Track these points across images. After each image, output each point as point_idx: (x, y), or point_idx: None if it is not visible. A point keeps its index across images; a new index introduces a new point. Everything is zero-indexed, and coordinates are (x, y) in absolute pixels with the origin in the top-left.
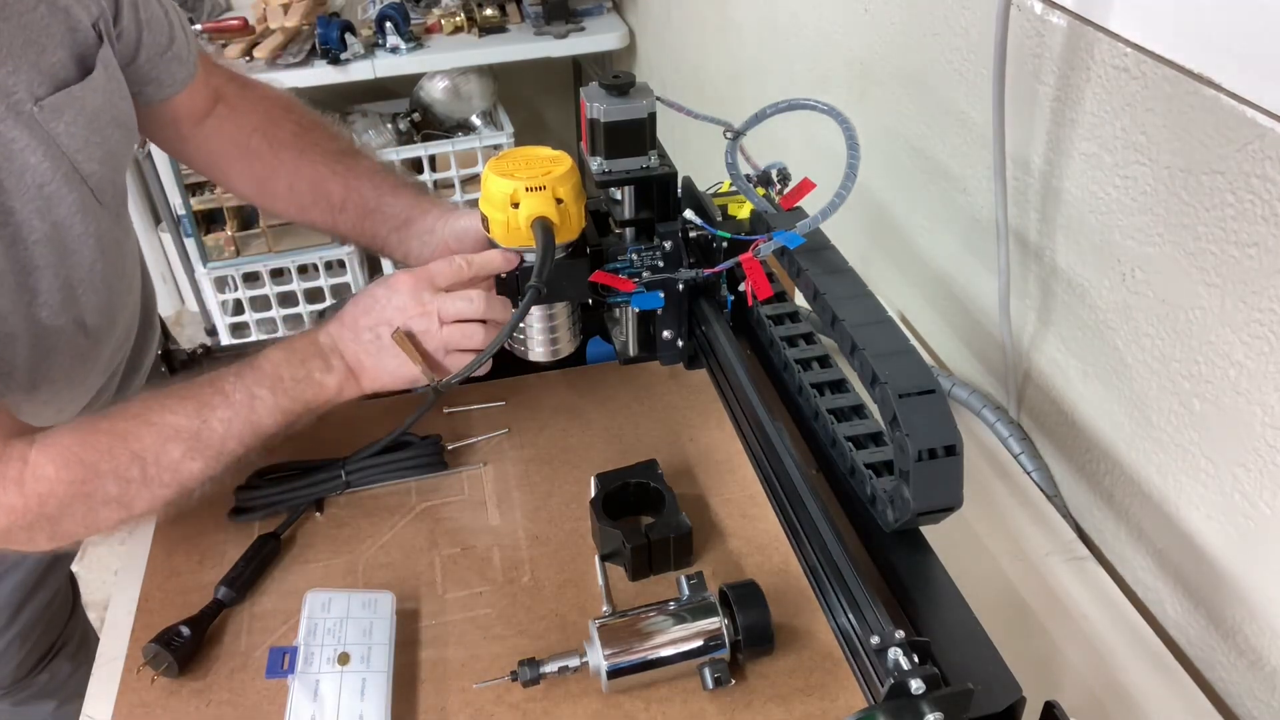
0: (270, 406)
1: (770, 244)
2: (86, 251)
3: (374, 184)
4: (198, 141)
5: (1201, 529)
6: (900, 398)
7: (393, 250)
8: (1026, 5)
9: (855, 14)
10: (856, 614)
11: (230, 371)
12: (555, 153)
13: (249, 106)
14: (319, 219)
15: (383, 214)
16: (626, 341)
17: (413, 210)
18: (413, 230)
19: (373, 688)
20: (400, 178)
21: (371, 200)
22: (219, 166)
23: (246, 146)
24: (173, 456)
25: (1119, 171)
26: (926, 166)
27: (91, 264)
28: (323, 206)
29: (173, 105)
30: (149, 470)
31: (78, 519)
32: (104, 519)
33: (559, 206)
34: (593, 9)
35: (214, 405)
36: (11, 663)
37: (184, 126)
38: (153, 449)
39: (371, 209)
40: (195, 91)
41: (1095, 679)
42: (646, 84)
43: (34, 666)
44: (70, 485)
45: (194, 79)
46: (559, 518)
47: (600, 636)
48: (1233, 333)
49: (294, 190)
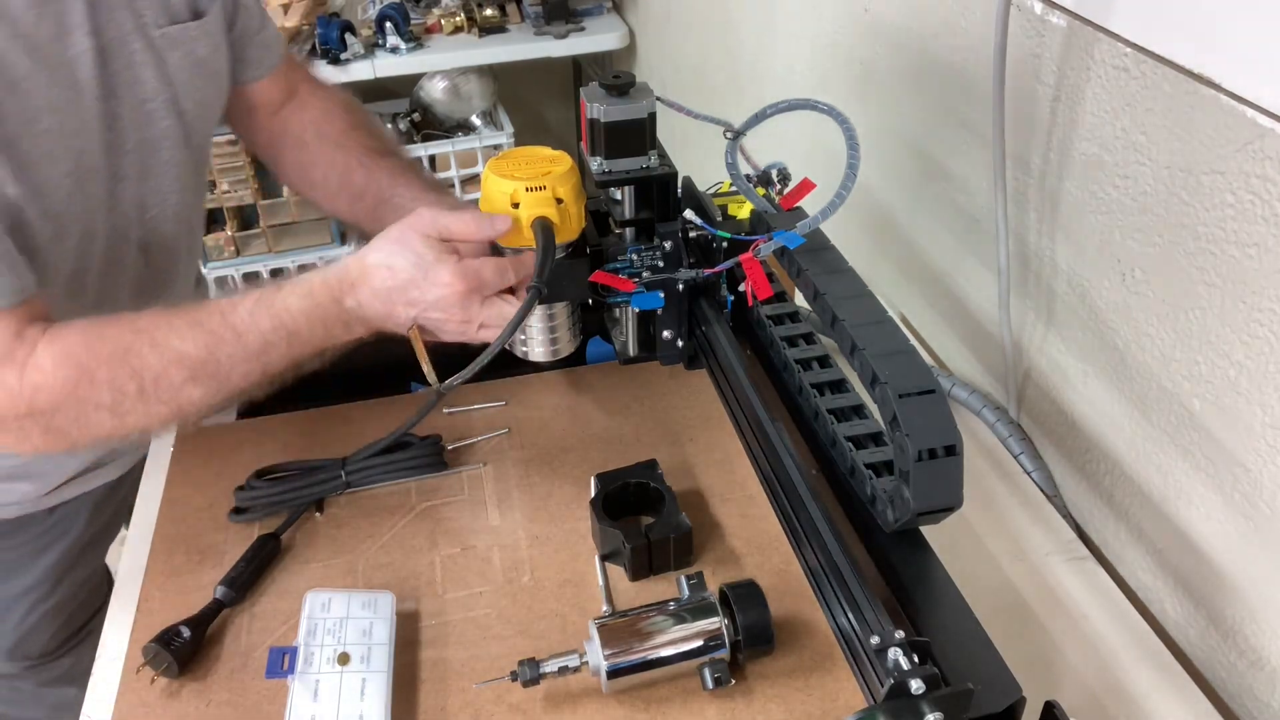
0: (282, 354)
1: (770, 244)
2: (168, 179)
3: (392, 176)
4: (268, 130)
5: (1201, 529)
6: (900, 398)
7: None
8: (1026, 5)
9: (855, 14)
10: (856, 614)
11: (246, 305)
12: (555, 153)
13: (314, 103)
14: (343, 208)
15: (392, 204)
16: (626, 341)
17: (417, 202)
18: None
19: (373, 688)
20: (419, 173)
21: (386, 190)
22: (275, 153)
23: (300, 138)
24: (173, 380)
25: (1119, 171)
26: (926, 166)
27: (168, 194)
28: (346, 196)
29: (254, 90)
30: (146, 388)
31: (70, 418)
32: (96, 424)
33: (559, 206)
34: (593, 9)
35: (224, 340)
36: (45, 634)
37: (260, 115)
38: (154, 370)
39: (385, 199)
40: (276, 81)
41: (1095, 679)
42: (646, 84)
43: (63, 643)
44: (64, 384)
45: (277, 68)
46: (559, 518)
47: (600, 636)
48: (1233, 333)
49: (326, 179)
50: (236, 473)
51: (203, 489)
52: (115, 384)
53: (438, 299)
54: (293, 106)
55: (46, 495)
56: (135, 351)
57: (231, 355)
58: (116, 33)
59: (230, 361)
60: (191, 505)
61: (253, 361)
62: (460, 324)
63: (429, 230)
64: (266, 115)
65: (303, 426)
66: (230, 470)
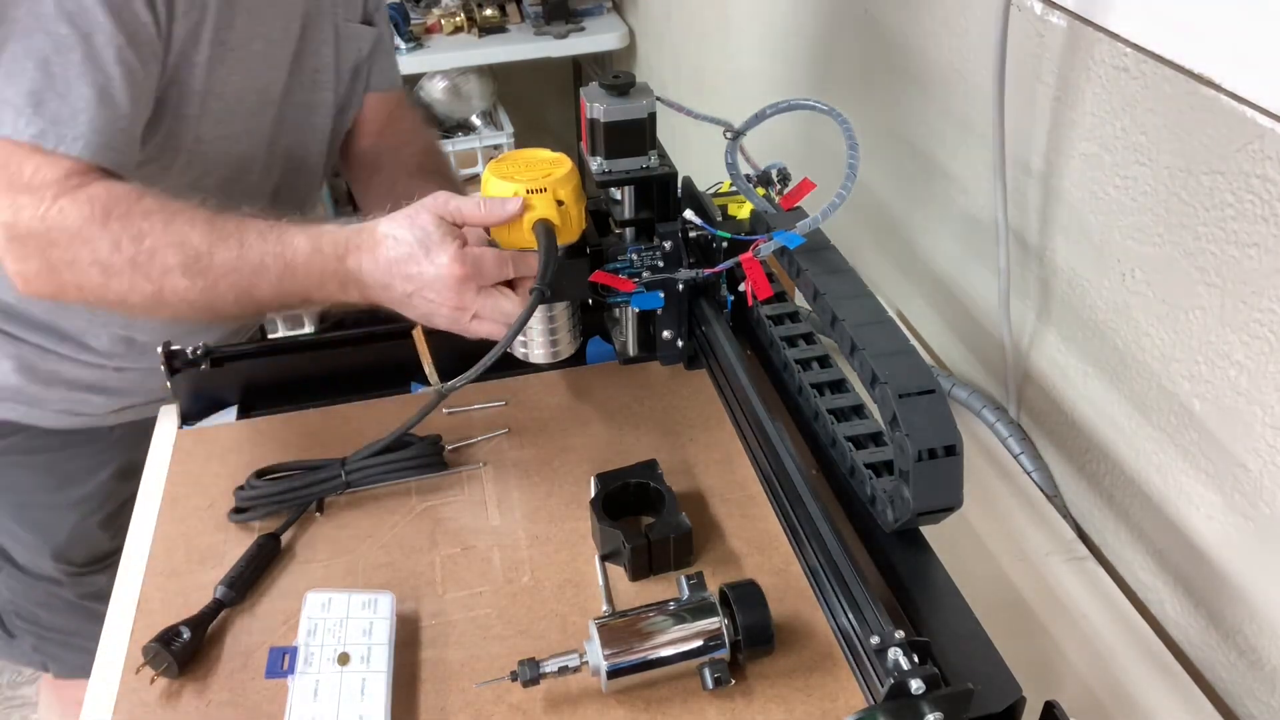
0: (271, 285)
1: (770, 244)
2: (314, 144)
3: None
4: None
5: (1201, 529)
6: (900, 398)
7: None
8: (1026, 5)
9: (855, 14)
10: (856, 614)
11: (260, 226)
12: (555, 155)
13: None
14: None
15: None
16: (626, 341)
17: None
18: None
19: (372, 688)
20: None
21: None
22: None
23: (378, 157)
24: (167, 261)
25: (1119, 172)
26: (926, 166)
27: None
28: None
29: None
30: (140, 257)
31: (65, 257)
32: (85, 276)
33: (560, 208)
34: (593, 9)
35: (228, 245)
36: (90, 544)
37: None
38: (155, 241)
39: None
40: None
41: (1095, 679)
42: (646, 84)
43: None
44: (76, 219)
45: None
46: (559, 518)
47: (600, 636)
48: (1233, 333)
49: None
50: (236, 473)
51: (203, 489)
52: (116, 239)
53: (435, 278)
54: (387, 133)
55: (115, 412)
56: (149, 219)
57: (227, 261)
58: (318, 8)
59: (224, 267)
60: (191, 505)
61: (244, 276)
62: (454, 309)
63: (441, 210)
64: (364, 133)
65: (303, 426)
66: (230, 470)
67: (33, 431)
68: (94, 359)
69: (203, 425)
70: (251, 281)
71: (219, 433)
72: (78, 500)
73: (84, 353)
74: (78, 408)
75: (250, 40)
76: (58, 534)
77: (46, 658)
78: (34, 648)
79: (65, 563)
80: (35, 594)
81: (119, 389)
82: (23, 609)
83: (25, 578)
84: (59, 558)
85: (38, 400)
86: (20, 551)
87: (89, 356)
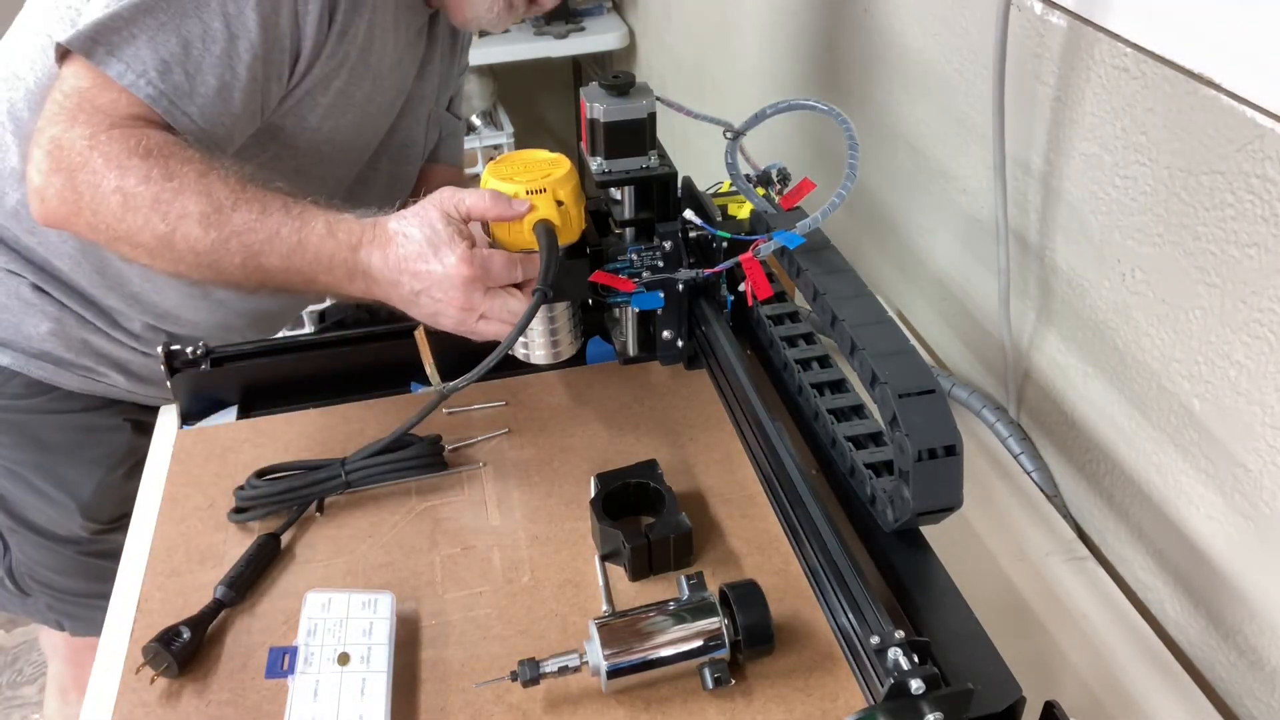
0: (282, 257)
1: (770, 244)
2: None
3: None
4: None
5: (1201, 529)
6: (900, 398)
7: None
8: (1026, 5)
9: (855, 14)
10: (856, 614)
11: (284, 202)
12: (554, 155)
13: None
14: None
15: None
16: (626, 341)
17: None
18: None
19: (372, 688)
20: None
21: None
22: None
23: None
24: (188, 206)
25: (1119, 172)
26: (926, 166)
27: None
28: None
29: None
30: (164, 194)
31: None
32: (105, 203)
33: (560, 209)
34: (593, 9)
35: (250, 207)
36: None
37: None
38: (181, 185)
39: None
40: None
41: (1095, 679)
42: (646, 84)
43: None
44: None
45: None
46: (559, 518)
47: (600, 636)
48: (1233, 333)
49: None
50: (236, 473)
51: (203, 489)
52: (148, 172)
53: (443, 277)
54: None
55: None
56: (187, 165)
57: (245, 221)
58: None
59: (240, 226)
60: (191, 505)
61: (256, 240)
62: (460, 310)
63: (449, 207)
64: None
65: (303, 426)
66: (230, 470)
67: (57, 393)
68: (126, 339)
69: (203, 425)
70: (263, 247)
71: (219, 433)
72: (101, 456)
73: (117, 330)
74: (99, 379)
75: (368, 102)
76: (84, 490)
77: (61, 616)
78: (49, 606)
79: (91, 520)
80: (52, 559)
81: (139, 374)
82: (38, 573)
83: (43, 541)
84: (86, 514)
85: (65, 363)
86: (43, 511)
87: (121, 335)
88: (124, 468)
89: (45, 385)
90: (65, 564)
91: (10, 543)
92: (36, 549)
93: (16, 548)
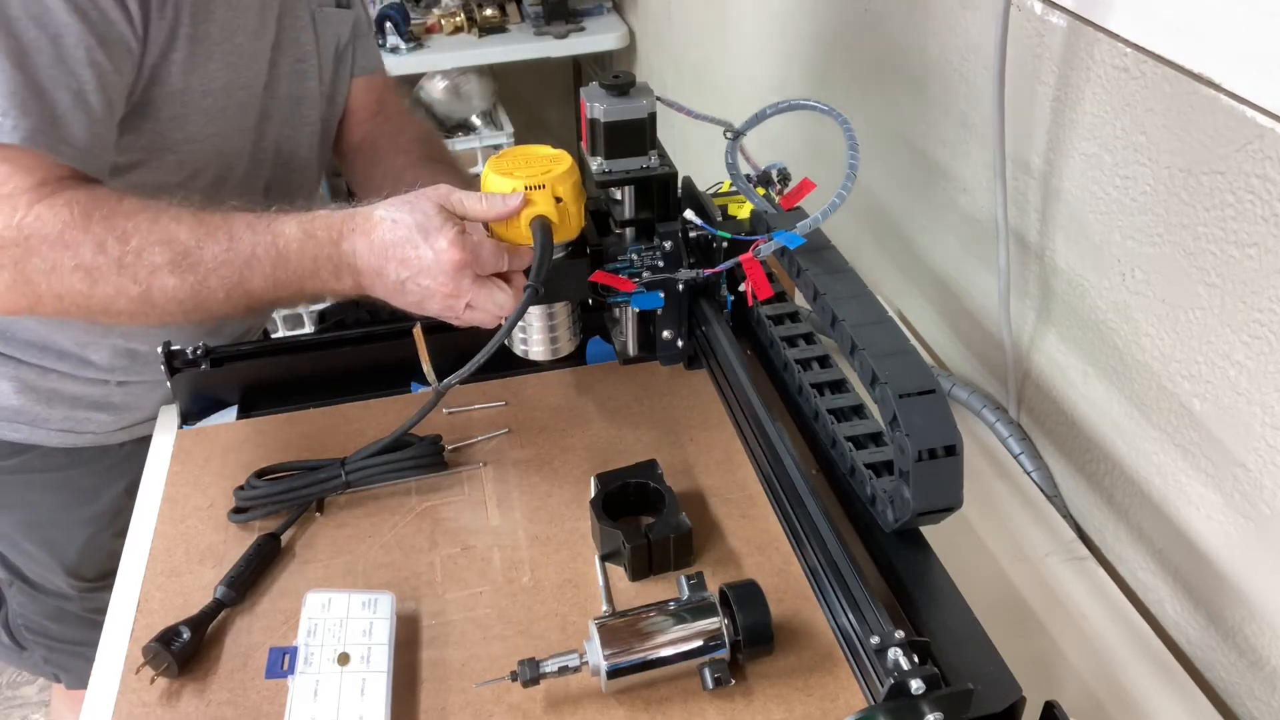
0: (264, 276)
1: (770, 244)
2: (303, 136)
3: (433, 174)
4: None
5: (1201, 529)
6: (900, 398)
7: None
8: (1026, 5)
9: (855, 14)
10: (856, 614)
11: (248, 218)
12: (555, 151)
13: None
14: None
15: None
16: (626, 341)
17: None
18: None
19: (372, 688)
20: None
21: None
22: (353, 160)
23: (375, 144)
24: (155, 260)
25: (1119, 171)
26: (926, 166)
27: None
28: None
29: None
30: (126, 257)
31: (44, 266)
32: (67, 283)
33: (558, 205)
34: (593, 9)
35: (217, 239)
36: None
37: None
38: (141, 240)
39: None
40: (370, 86)
41: (1095, 679)
42: (646, 84)
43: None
44: (54, 224)
45: (373, 73)
46: (559, 518)
47: (600, 636)
48: (1233, 333)
49: (385, 179)
50: (236, 473)
51: (203, 489)
52: (100, 241)
53: (432, 262)
54: (379, 119)
55: (121, 430)
56: (133, 218)
57: (217, 255)
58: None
59: (214, 261)
60: (191, 505)
61: (235, 269)
62: (448, 296)
63: (443, 201)
64: (355, 122)
65: (303, 426)
66: (230, 470)
67: (40, 451)
68: (95, 374)
69: (203, 425)
70: (243, 274)
71: (219, 433)
72: (89, 517)
73: (84, 369)
74: (82, 426)
75: (230, 34)
76: (69, 550)
77: (57, 669)
78: (45, 659)
79: (77, 578)
80: (45, 608)
81: (123, 405)
82: (33, 622)
83: (35, 593)
84: (71, 573)
85: (41, 420)
86: (31, 567)
87: (90, 372)
88: (114, 528)
89: (23, 445)
90: (58, 613)
91: (6, 595)
92: (31, 599)
93: (12, 599)
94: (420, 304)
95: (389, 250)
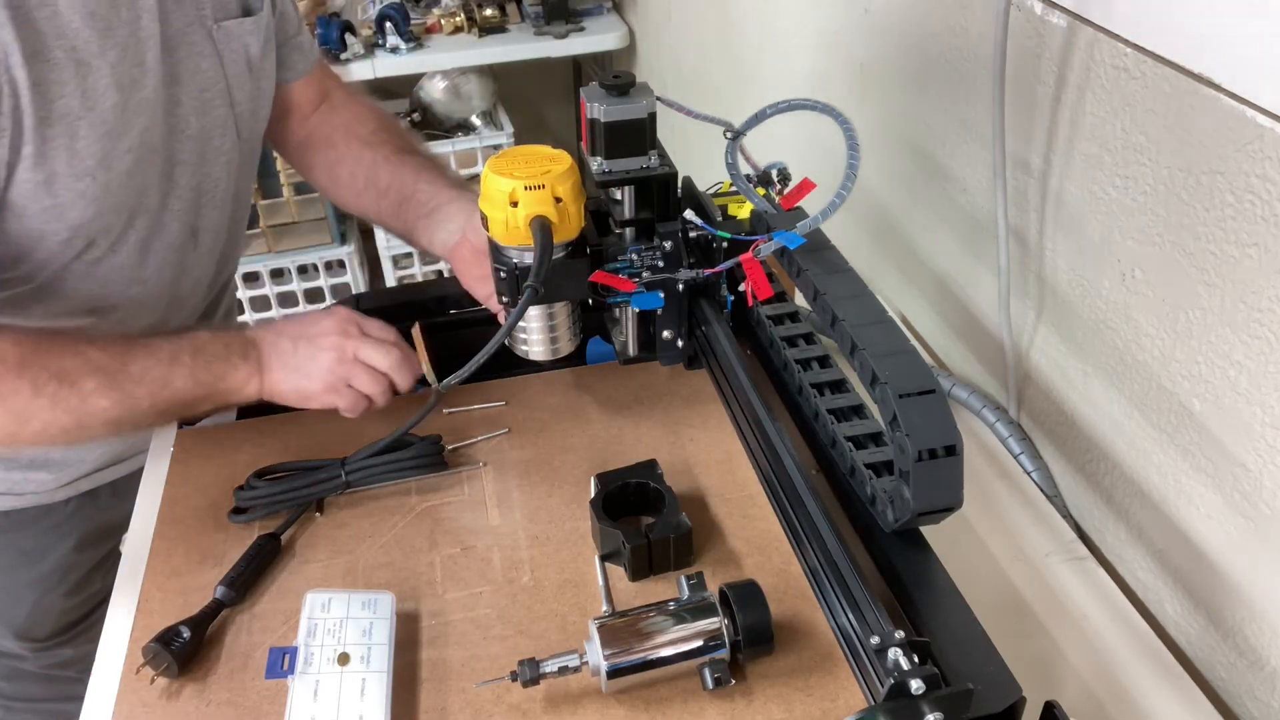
0: (187, 374)
1: (770, 244)
2: (219, 168)
3: (415, 172)
4: (301, 133)
5: (1201, 529)
6: (900, 398)
7: (419, 237)
8: (1026, 5)
9: (855, 14)
10: (856, 614)
11: (165, 335)
12: (555, 151)
13: (344, 107)
14: (369, 205)
15: (416, 200)
16: (626, 341)
17: (440, 197)
18: (437, 217)
19: (372, 688)
20: (443, 170)
21: (409, 187)
22: (305, 155)
23: (330, 139)
24: (85, 387)
25: (1119, 172)
26: (926, 166)
27: (219, 180)
28: (371, 193)
29: (290, 92)
30: (60, 392)
31: None
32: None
33: (558, 205)
34: (593, 9)
35: (136, 355)
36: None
37: (293, 119)
38: (70, 375)
39: (408, 195)
40: (311, 84)
41: (1095, 679)
42: (646, 84)
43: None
44: None
45: (311, 72)
46: (559, 518)
47: (600, 636)
48: (1233, 333)
49: (353, 177)
50: (236, 473)
51: (203, 489)
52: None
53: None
54: (324, 110)
55: (63, 487)
56: (47, 354)
57: (141, 366)
58: (181, 22)
59: (140, 372)
60: (191, 505)
61: (156, 375)
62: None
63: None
64: (299, 119)
65: (303, 426)
66: (230, 470)
67: None
68: None
69: (202, 425)
70: (169, 382)
71: (219, 433)
72: (35, 579)
73: None
74: (20, 487)
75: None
76: (17, 614)
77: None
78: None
79: (28, 640)
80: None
81: (63, 461)
82: None
83: None
84: (21, 636)
85: None
86: None
87: None
88: (64, 586)
89: None
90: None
91: None
92: None
93: None
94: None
95: (285, 326)
